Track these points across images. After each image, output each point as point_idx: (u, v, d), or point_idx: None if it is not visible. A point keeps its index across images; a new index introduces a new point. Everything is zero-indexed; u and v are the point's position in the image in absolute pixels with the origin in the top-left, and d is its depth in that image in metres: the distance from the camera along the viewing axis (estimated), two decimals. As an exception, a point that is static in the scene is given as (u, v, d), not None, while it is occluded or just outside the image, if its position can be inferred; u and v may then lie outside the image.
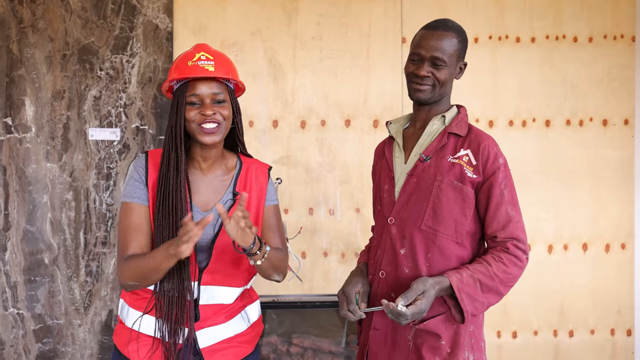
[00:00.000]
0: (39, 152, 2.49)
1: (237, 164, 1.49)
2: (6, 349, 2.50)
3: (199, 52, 1.38)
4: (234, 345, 1.44)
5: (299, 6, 2.54)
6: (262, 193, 1.49)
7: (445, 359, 1.38)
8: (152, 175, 1.40)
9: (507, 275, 1.36)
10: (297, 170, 2.55)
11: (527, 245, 1.40)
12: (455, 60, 1.42)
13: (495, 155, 1.39)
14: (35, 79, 2.48)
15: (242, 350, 1.47)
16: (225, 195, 1.43)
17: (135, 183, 1.39)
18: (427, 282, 1.31)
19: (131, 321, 1.41)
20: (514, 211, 1.39)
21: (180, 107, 1.36)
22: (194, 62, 1.36)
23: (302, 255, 2.56)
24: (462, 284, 1.33)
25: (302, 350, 2.67)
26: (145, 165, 1.41)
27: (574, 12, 2.58)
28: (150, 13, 2.51)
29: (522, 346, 2.61)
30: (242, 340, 1.47)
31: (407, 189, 1.43)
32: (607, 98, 2.60)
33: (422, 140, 1.47)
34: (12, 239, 2.49)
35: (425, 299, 1.29)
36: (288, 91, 2.55)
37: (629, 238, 2.61)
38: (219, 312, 1.42)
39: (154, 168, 1.41)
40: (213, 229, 1.40)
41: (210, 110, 1.35)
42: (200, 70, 1.35)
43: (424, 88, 1.43)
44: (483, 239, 1.46)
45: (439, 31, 1.40)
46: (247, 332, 1.49)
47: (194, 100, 1.36)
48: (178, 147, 1.36)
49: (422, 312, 1.29)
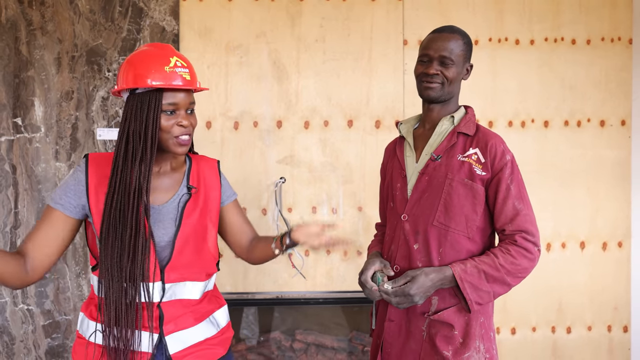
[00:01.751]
0: (48, 152, 2.54)
1: (186, 161, 1.48)
2: (16, 344, 2.55)
3: (171, 57, 1.31)
4: (204, 348, 1.41)
5: (303, 9, 2.59)
6: (217, 187, 1.48)
7: (457, 348, 1.44)
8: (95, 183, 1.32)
9: (515, 266, 1.40)
10: (300, 170, 2.60)
11: (537, 237, 1.43)
12: (462, 61, 1.50)
13: (502, 152, 1.45)
14: (45, 80, 2.53)
15: (214, 352, 1.43)
16: (180, 189, 1.41)
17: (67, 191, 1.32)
18: (420, 270, 1.40)
19: (89, 333, 1.35)
20: (521, 204, 1.43)
21: (155, 113, 1.28)
22: (171, 68, 1.29)
23: (306, 253, 2.61)
24: (465, 274, 1.39)
25: (305, 345, 2.72)
26: (86, 171, 1.33)
27: (572, 15, 2.63)
28: (157, 15, 2.57)
29: (520, 342, 2.66)
30: (212, 343, 1.43)
31: (419, 187, 1.49)
32: (605, 99, 2.64)
33: (432, 140, 1.53)
34: (22, 236, 2.54)
35: (412, 283, 1.37)
36: (292, 92, 2.60)
37: (625, 236, 2.66)
38: (186, 309, 1.39)
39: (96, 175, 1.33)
40: (174, 223, 1.37)
41: (187, 121, 1.32)
42: (181, 79, 1.30)
43: (433, 86, 1.49)
44: (494, 234, 1.52)
45: (446, 33, 1.50)
46: (217, 336, 1.46)
47: (170, 109, 1.30)
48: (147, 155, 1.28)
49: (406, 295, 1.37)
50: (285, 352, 2.71)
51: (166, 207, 1.38)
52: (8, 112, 2.53)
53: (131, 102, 1.30)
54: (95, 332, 1.33)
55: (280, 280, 2.61)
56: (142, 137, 1.28)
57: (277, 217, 2.58)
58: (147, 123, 1.28)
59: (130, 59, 1.31)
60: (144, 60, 1.29)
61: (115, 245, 1.27)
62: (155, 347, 1.32)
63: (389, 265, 1.51)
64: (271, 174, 2.59)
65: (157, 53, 1.31)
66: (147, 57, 1.30)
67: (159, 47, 1.34)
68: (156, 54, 1.31)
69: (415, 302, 1.39)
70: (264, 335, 2.74)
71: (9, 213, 2.54)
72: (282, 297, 2.59)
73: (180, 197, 1.40)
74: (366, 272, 1.48)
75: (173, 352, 1.35)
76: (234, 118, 2.58)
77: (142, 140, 1.28)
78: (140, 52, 1.32)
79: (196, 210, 1.42)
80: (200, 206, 1.43)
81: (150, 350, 1.31)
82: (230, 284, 2.59)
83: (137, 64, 1.29)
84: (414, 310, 1.48)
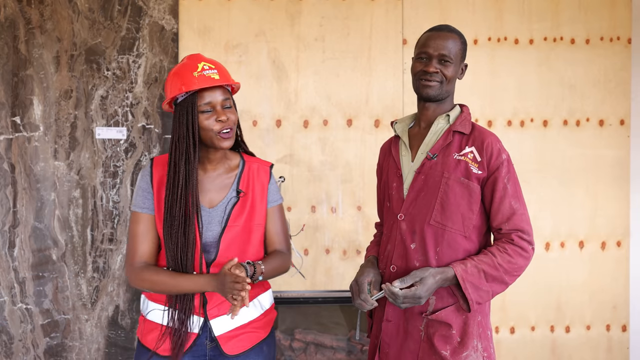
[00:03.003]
0: (47, 151, 2.54)
1: (239, 163, 1.57)
2: (15, 343, 2.55)
3: (199, 62, 1.44)
4: (248, 331, 1.52)
5: (302, 8, 2.59)
6: (264, 191, 1.57)
7: (455, 348, 1.44)
8: (157, 182, 1.49)
9: (511, 265, 1.41)
10: (300, 169, 2.60)
11: (532, 236, 1.45)
12: (459, 60, 1.50)
13: (498, 151, 1.45)
14: (44, 78, 2.53)
15: (257, 335, 1.54)
16: (229, 193, 1.51)
17: (143, 193, 1.50)
18: (427, 271, 1.38)
19: (147, 311, 1.53)
20: (517, 204, 1.44)
21: (194, 117, 1.41)
22: (200, 72, 1.42)
23: (305, 252, 2.61)
24: (466, 274, 1.39)
25: (304, 345, 2.72)
26: (151, 173, 1.51)
27: (572, 15, 2.63)
28: (156, 14, 2.56)
29: (519, 341, 2.67)
30: (256, 326, 1.54)
31: (415, 186, 1.49)
32: (604, 99, 2.65)
33: (428, 138, 1.52)
34: (20, 235, 2.54)
35: (421, 285, 1.36)
36: (291, 91, 2.60)
37: (624, 236, 2.66)
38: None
39: (158, 175, 1.50)
40: (220, 225, 1.49)
41: (224, 116, 1.43)
42: (209, 80, 1.41)
43: (432, 84, 1.49)
44: (490, 233, 1.52)
45: (444, 32, 1.49)
46: (260, 318, 1.56)
47: (207, 108, 1.42)
48: (191, 156, 1.43)
49: (416, 298, 1.36)
50: (284, 351, 2.71)
51: (216, 210, 1.50)
52: (7, 110, 2.52)
53: (176, 111, 1.46)
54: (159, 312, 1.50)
55: (279, 280, 2.60)
56: (186, 138, 1.42)
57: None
58: (188, 125, 1.42)
59: (169, 74, 1.48)
60: (178, 72, 1.45)
61: (171, 239, 1.44)
62: (200, 328, 1.47)
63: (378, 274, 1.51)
64: (270, 173, 2.59)
65: (188, 63, 1.46)
66: (180, 69, 1.45)
67: (190, 57, 1.48)
68: (187, 64, 1.46)
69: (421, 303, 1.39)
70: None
71: (8, 212, 2.53)
72: (281, 297, 2.59)
73: (229, 200, 1.51)
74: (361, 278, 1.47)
75: (218, 334, 1.48)
76: (233, 117, 2.58)
77: (185, 142, 1.42)
78: (175, 66, 1.48)
79: (243, 214, 1.52)
80: (247, 209, 1.53)
81: (197, 331, 1.47)
82: (229, 283, 2.59)
83: (172, 77, 1.46)
84: (412, 310, 1.48)
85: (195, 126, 1.42)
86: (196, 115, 1.42)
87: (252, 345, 1.52)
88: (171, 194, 1.43)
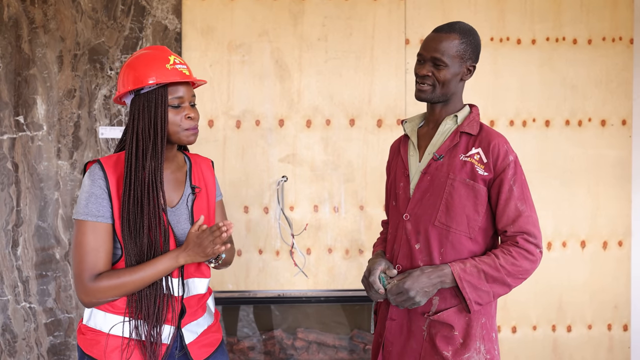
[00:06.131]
0: (50, 150, 2.54)
1: (184, 159, 1.55)
2: (18, 341, 2.56)
3: (169, 55, 1.40)
4: (209, 335, 1.52)
5: (305, 8, 2.60)
6: (213, 186, 1.57)
7: (457, 349, 1.44)
8: (115, 185, 1.37)
9: (515, 267, 1.40)
10: (302, 169, 2.61)
11: (539, 239, 1.43)
12: (458, 61, 1.46)
13: (505, 152, 1.44)
14: (47, 78, 2.53)
15: (216, 337, 1.55)
16: (185, 190, 1.49)
17: (97, 200, 1.34)
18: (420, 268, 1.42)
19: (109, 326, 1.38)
20: (524, 206, 1.43)
21: (164, 110, 1.35)
22: (172, 65, 1.37)
23: (307, 251, 2.62)
24: (464, 273, 1.39)
25: (306, 344, 2.73)
26: (104, 176, 1.36)
27: (574, 15, 2.64)
28: (159, 14, 2.57)
29: (521, 341, 2.67)
30: (214, 329, 1.55)
31: (421, 187, 1.49)
32: (606, 99, 2.65)
33: (435, 139, 1.52)
34: (24, 234, 2.54)
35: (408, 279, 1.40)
36: (294, 91, 2.61)
37: (625, 235, 2.67)
38: (198, 304, 1.48)
39: (114, 177, 1.37)
40: (188, 222, 1.47)
41: (194, 113, 1.41)
42: (181, 74, 1.38)
43: (424, 88, 1.48)
44: (497, 235, 1.51)
45: (441, 33, 1.46)
46: (215, 322, 1.57)
47: (175, 103, 1.38)
48: (158, 151, 1.36)
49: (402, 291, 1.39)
50: (286, 350, 2.72)
51: (179, 208, 1.46)
52: (10, 110, 2.53)
53: (137, 102, 1.37)
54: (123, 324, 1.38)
55: (282, 279, 2.62)
56: (152, 132, 1.35)
57: (279, 216, 2.59)
58: (155, 119, 1.35)
59: (130, 63, 1.39)
60: (145, 62, 1.37)
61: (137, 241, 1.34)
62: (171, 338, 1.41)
63: (392, 265, 1.52)
64: (273, 172, 2.60)
65: (156, 54, 1.40)
66: (147, 59, 1.38)
67: (156, 49, 1.43)
68: (155, 55, 1.39)
69: (413, 298, 1.39)
70: (265, 333, 2.75)
71: (11, 211, 2.54)
72: (284, 296, 2.60)
73: (187, 197, 1.48)
74: (374, 273, 1.48)
75: (188, 341, 1.45)
76: (236, 117, 2.59)
77: (152, 135, 1.35)
78: (139, 56, 1.40)
79: (203, 208, 1.51)
80: (205, 204, 1.52)
81: (169, 342, 1.41)
82: (232, 282, 2.60)
83: (138, 66, 1.37)
84: (415, 310, 1.49)
85: (164, 120, 1.36)
86: (166, 108, 1.36)
87: (214, 348, 1.52)
88: (135, 194, 1.33)
